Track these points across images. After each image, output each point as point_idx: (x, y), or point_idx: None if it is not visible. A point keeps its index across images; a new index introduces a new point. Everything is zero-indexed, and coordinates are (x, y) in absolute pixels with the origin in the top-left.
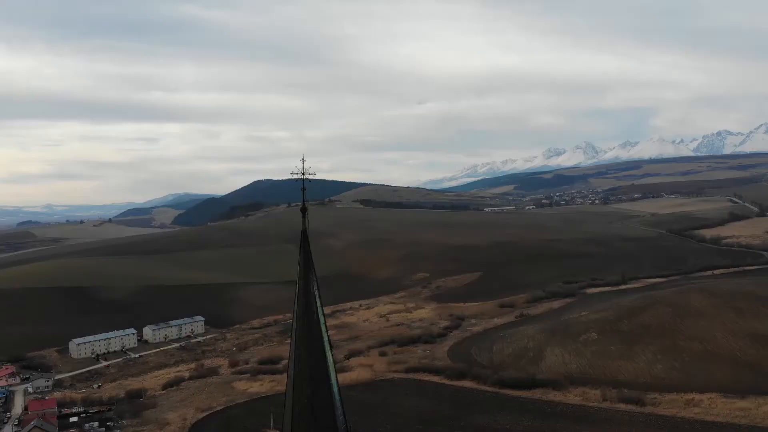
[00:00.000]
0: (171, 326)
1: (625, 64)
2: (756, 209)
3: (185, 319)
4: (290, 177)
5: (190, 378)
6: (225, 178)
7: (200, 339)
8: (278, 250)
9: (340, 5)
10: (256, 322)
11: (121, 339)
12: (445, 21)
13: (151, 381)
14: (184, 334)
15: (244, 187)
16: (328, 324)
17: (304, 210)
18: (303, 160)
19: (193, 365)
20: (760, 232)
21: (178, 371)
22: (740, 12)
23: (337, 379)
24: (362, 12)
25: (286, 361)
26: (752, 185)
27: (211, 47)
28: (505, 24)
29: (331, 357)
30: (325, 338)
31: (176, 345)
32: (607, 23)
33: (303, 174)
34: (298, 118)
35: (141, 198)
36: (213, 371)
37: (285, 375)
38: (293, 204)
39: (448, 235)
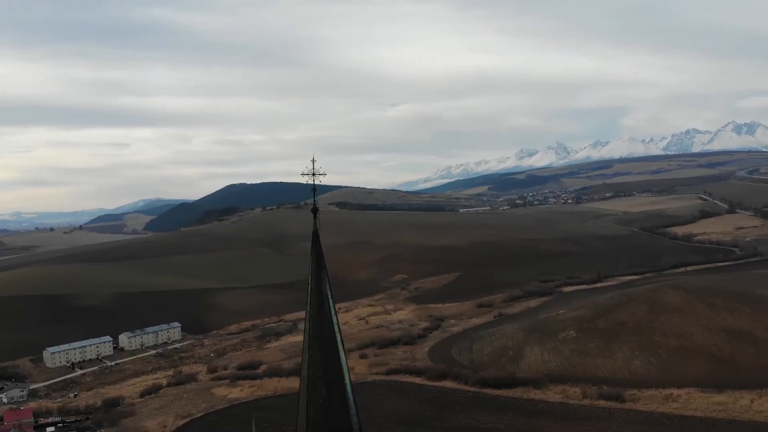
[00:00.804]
0: (147, 333)
1: (597, 65)
2: (726, 206)
3: (162, 325)
4: (302, 174)
5: (168, 385)
6: (197, 183)
7: (177, 345)
8: (254, 255)
9: (314, 7)
10: (233, 328)
11: (97, 347)
12: (419, 23)
13: (129, 389)
14: (160, 341)
15: (218, 191)
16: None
17: (315, 210)
18: (313, 161)
19: (170, 372)
20: (731, 228)
21: (156, 378)
22: (708, 12)
23: (350, 380)
24: (336, 14)
25: (266, 366)
26: (721, 183)
27: (183, 50)
28: (479, 26)
29: (344, 357)
30: (339, 338)
31: (153, 352)
32: (579, 25)
33: (313, 173)
34: (273, 121)
35: (112, 204)
36: (191, 378)
37: (264, 380)
38: (268, 208)
39: (425, 236)
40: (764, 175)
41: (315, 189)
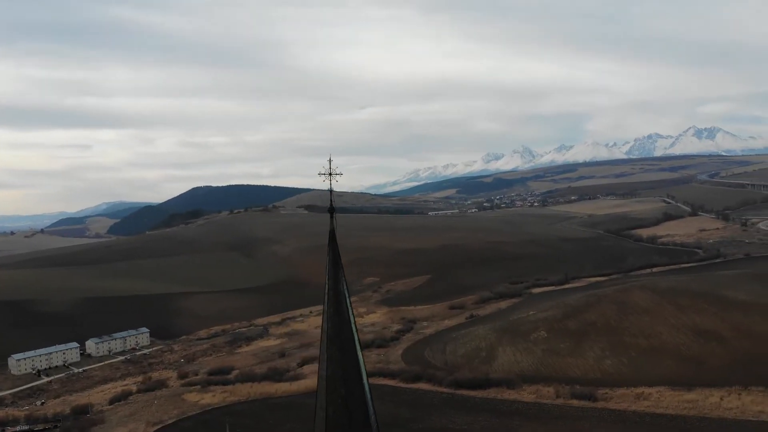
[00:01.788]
0: (115, 339)
1: (562, 71)
2: (688, 209)
3: (129, 331)
4: (319, 174)
5: (138, 391)
6: (161, 186)
7: (146, 351)
8: (222, 259)
9: (281, 9)
10: (203, 333)
11: (63, 353)
12: (387, 26)
13: (98, 396)
14: (128, 347)
15: (182, 194)
16: (277, 332)
17: (331, 210)
18: (330, 160)
19: (140, 378)
20: (694, 230)
21: (125, 385)
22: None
23: (368, 379)
24: (303, 16)
25: (237, 371)
26: (683, 186)
27: (145, 51)
28: (446, 30)
29: (362, 357)
30: (356, 338)
31: (121, 358)
32: (544, 31)
33: (330, 173)
34: (237, 123)
35: (74, 207)
36: (161, 384)
37: (237, 385)
38: (235, 211)
39: (395, 239)
40: (724, 178)
41: (332, 190)
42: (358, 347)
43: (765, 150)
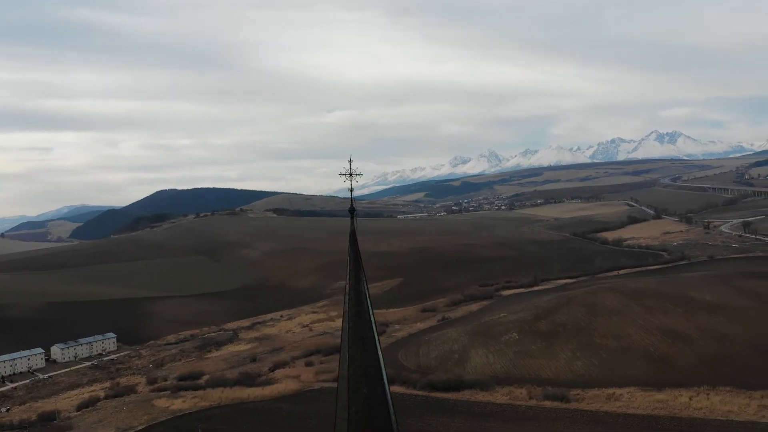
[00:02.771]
0: (81, 344)
1: (525, 75)
2: (652, 212)
3: (96, 336)
4: (340, 175)
5: (106, 397)
6: (125, 189)
7: (113, 357)
8: (189, 263)
9: (248, 12)
10: (171, 338)
11: (28, 359)
12: (354, 30)
13: (64, 402)
14: (95, 352)
15: (147, 197)
16: (248, 337)
17: (352, 210)
18: (350, 161)
19: (107, 384)
20: (658, 233)
21: (93, 391)
22: (631, 26)
23: (387, 378)
24: (270, 19)
25: (208, 376)
26: (646, 189)
27: (109, 52)
28: (412, 34)
29: (382, 356)
30: (377, 337)
31: (88, 364)
32: (508, 35)
33: (350, 173)
34: (203, 126)
35: (34, 211)
36: (130, 389)
37: (208, 391)
38: (202, 214)
39: (366, 242)
40: (686, 182)
41: (352, 189)
42: (378, 347)
43: (725, 154)
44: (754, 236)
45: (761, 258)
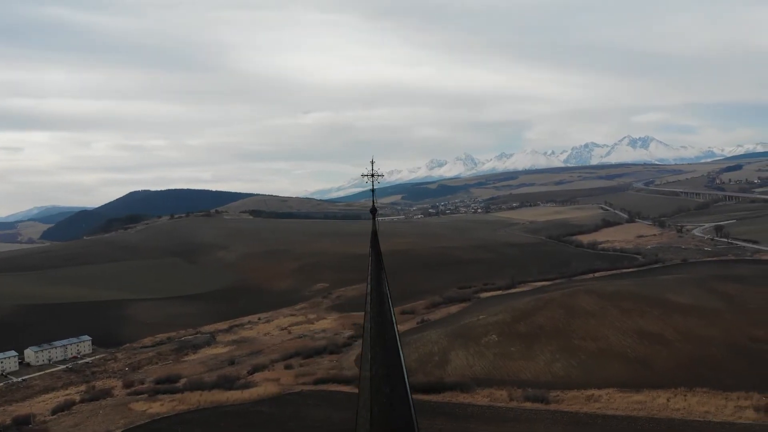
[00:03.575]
0: (55, 347)
1: (501, 79)
2: (626, 216)
3: (70, 339)
4: (362, 176)
5: (82, 401)
6: (97, 190)
7: (88, 360)
8: (163, 264)
9: (223, 12)
10: (147, 341)
11: (1, 362)
12: (331, 32)
13: (39, 406)
14: (70, 355)
15: (119, 198)
16: (225, 340)
17: (374, 211)
18: (372, 162)
19: (83, 387)
20: (632, 237)
21: (68, 394)
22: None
23: (408, 378)
24: (246, 20)
25: (186, 379)
26: (620, 193)
27: (82, 51)
28: (388, 36)
29: (403, 356)
30: (398, 338)
31: (62, 367)
32: (484, 40)
33: (372, 174)
34: (177, 126)
35: (4, 211)
36: (106, 393)
37: (186, 394)
38: (176, 216)
39: (344, 244)
40: (659, 186)
41: (374, 189)
42: (400, 347)
43: (696, 159)
44: (726, 240)
45: (734, 261)
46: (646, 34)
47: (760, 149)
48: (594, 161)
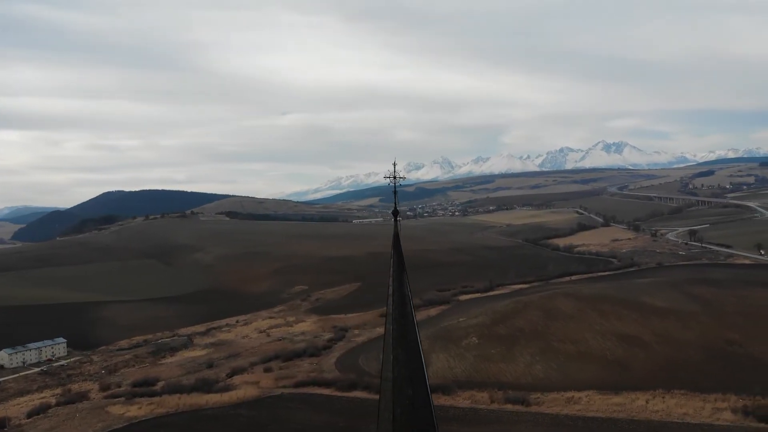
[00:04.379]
0: (30, 349)
1: (478, 84)
2: (601, 220)
3: (45, 341)
4: (385, 177)
5: (58, 404)
6: (70, 190)
7: (63, 362)
8: (140, 266)
9: (199, 12)
10: (124, 343)
11: None
12: (308, 33)
13: (14, 409)
14: (44, 358)
15: (93, 198)
16: (203, 342)
17: (396, 213)
18: (395, 164)
19: (59, 390)
20: (607, 240)
21: (43, 397)
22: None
23: (428, 380)
24: (222, 20)
25: (163, 382)
26: (594, 198)
27: (55, 50)
28: (367, 39)
29: (423, 357)
30: (419, 339)
31: (37, 369)
32: (461, 44)
33: (395, 177)
34: (151, 126)
35: None
36: (82, 396)
37: (164, 397)
38: (151, 216)
39: (322, 246)
40: (633, 191)
41: (396, 192)
42: (421, 349)
43: (669, 164)
44: (699, 244)
45: (707, 265)
46: (621, 41)
47: (731, 155)
48: (569, 166)
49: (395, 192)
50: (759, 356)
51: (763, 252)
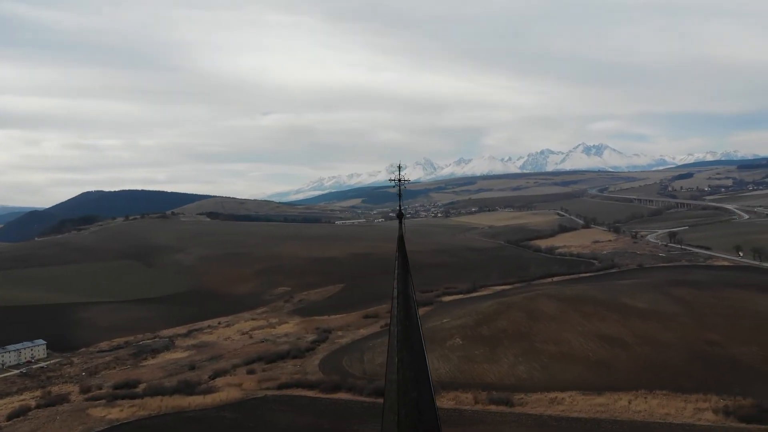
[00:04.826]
0: (9, 351)
1: (461, 85)
2: (581, 221)
3: (24, 343)
4: (390, 180)
5: (38, 407)
6: (48, 190)
7: (43, 364)
8: (120, 267)
9: (180, 11)
10: (104, 345)
11: None
12: (291, 33)
13: None
14: (23, 360)
15: (72, 198)
16: (184, 344)
17: (400, 216)
18: (399, 167)
19: (38, 393)
20: (588, 242)
21: (23, 400)
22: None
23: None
24: (204, 19)
25: (145, 384)
26: (575, 199)
27: (33, 48)
28: (351, 40)
29: (428, 360)
30: (423, 341)
31: (16, 372)
32: (444, 46)
33: (399, 180)
34: (130, 126)
35: None
36: (63, 398)
37: (146, 399)
38: (131, 217)
39: (305, 247)
40: (613, 193)
41: (400, 194)
42: (425, 351)
43: (648, 167)
44: (679, 246)
45: (687, 267)
46: (602, 44)
47: (709, 158)
48: (549, 168)
49: (400, 195)
50: (739, 357)
51: (741, 254)
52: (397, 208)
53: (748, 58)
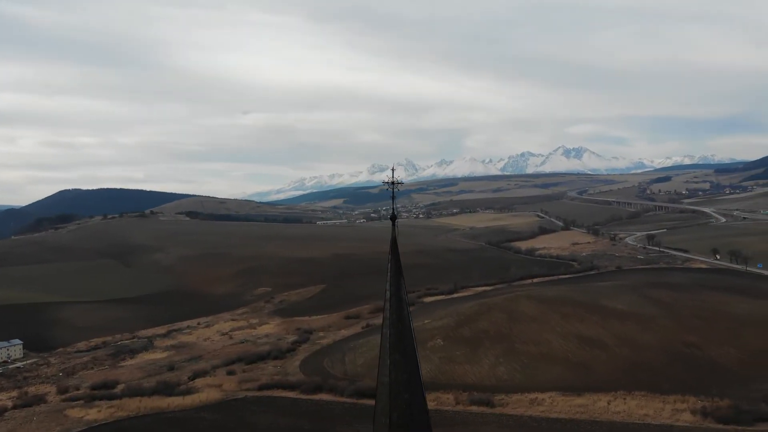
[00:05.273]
0: None
1: (442, 88)
2: (561, 224)
3: (0, 342)
4: (383, 182)
5: (14, 407)
6: (24, 188)
7: (19, 365)
8: (98, 266)
9: (160, 8)
10: (82, 345)
11: None
12: (273, 33)
13: None
14: None
15: (49, 197)
16: (163, 345)
17: (393, 218)
18: (393, 169)
19: (15, 393)
20: (567, 244)
21: None
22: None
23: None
24: (183, 17)
25: (123, 385)
26: (555, 202)
27: (9, 44)
28: (333, 40)
29: (419, 362)
30: (415, 345)
31: None
32: (426, 48)
33: (393, 182)
34: (108, 123)
35: None
36: (40, 399)
37: (124, 400)
38: (109, 216)
39: (286, 248)
40: (592, 196)
41: (394, 197)
42: (417, 354)
43: (627, 170)
44: (657, 248)
45: (665, 269)
46: (581, 48)
47: (687, 161)
48: (530, 170)
49: (393, 197)
50: (716, 359)
51: (718, 257)
52: (383, 209)
53: (725, 63)
